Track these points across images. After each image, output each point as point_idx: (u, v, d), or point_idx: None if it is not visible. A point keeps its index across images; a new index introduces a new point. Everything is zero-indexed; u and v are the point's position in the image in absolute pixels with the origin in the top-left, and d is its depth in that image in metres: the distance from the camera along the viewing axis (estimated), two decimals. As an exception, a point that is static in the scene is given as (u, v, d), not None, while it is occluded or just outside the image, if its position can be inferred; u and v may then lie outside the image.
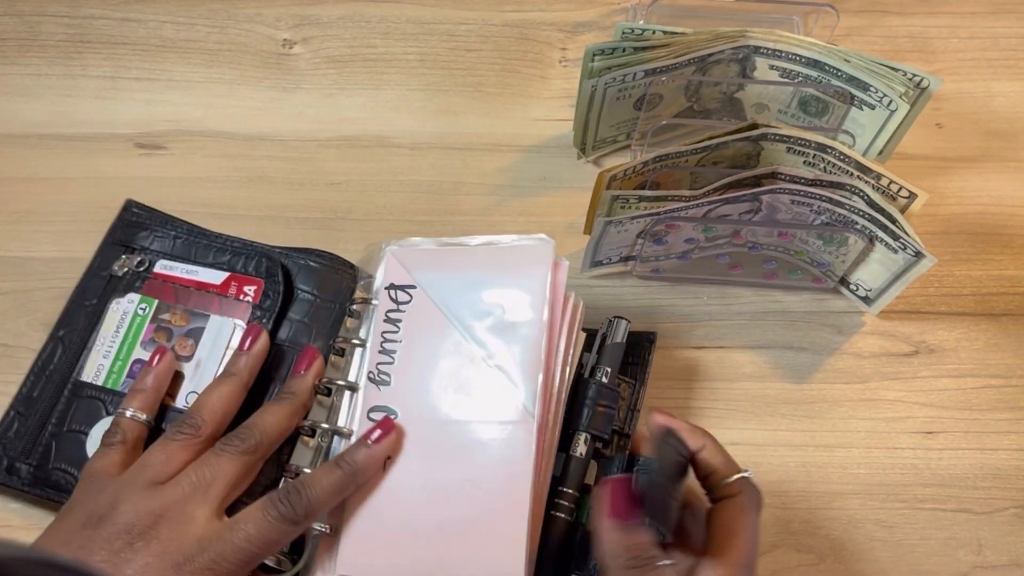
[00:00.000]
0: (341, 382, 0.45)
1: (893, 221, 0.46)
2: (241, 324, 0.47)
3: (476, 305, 0.44)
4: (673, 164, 0.49)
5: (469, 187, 0.56)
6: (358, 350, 0.46)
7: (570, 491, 0.43)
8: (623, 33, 0.50)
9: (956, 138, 0.59)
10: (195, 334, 0.47)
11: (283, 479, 0.43)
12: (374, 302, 0.46)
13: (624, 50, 0.50)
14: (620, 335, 0.45)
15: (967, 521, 0.48)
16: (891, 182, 0.47)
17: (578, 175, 0.57)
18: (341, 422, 0.44)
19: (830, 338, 0.52)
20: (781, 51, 0.51)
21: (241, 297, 0.48)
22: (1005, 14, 0.64)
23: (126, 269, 0.49)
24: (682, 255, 0.52)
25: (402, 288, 0.46)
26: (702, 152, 0.49)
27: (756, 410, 0.50)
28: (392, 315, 0.45)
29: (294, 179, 0.56)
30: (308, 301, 0.48)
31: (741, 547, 0.38)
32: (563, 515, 0.42)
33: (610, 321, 0.46)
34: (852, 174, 0.48)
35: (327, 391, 0.45)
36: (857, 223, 0.48)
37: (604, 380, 0.44)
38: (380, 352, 0.45)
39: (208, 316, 0.47)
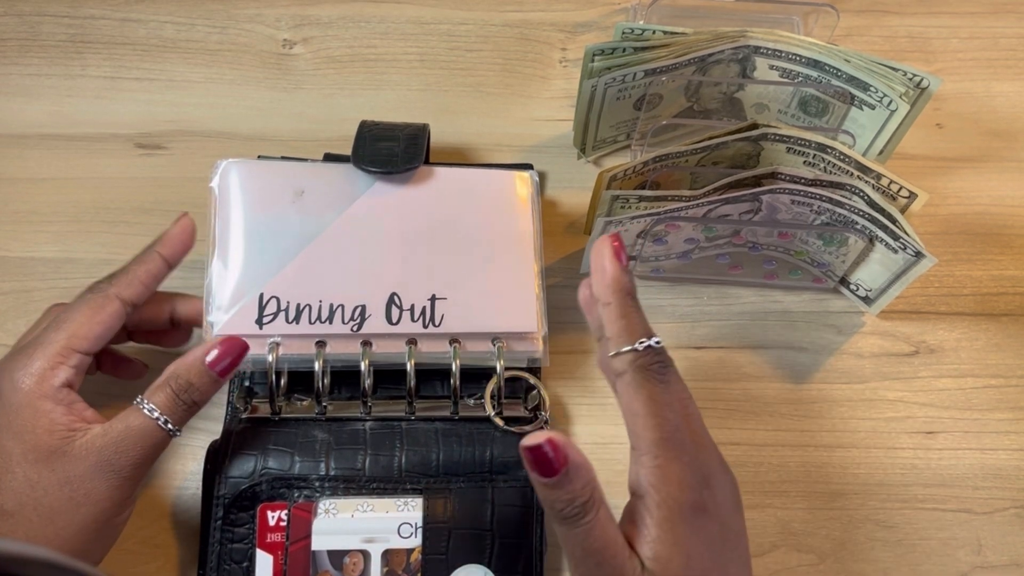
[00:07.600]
0: None
1: (893, 221, 0.46)
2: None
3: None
4: (673, 164, 0.49)
5: (469, 187, 0.56)
6: None
7: None
8: (623, 33, 0.50)
9: (956, 138, 0.59)
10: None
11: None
12: None
13: (624, 50, 0.50)
14: None
15: (967, 521, 0.48)
16: (891, 182, 0.47)
17: (578, 175, 0.57)
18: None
19: (830, 338, 0.52)
20: (781, 51, 0.51)
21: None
22: (1005, 14, 0.64)
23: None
24: (682, 255, 0.52)
25: None
26: (702, 152, 0.49)
27: (756, 410, 0.50)
28: None
29: (294, 179, 0.56)
30: None
31: (651, 427, 0.35)
32: None
33: None
34: (852, 174, 0.48)
35: None
36: (857, 223, 0.48)
37: None
38: None
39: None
